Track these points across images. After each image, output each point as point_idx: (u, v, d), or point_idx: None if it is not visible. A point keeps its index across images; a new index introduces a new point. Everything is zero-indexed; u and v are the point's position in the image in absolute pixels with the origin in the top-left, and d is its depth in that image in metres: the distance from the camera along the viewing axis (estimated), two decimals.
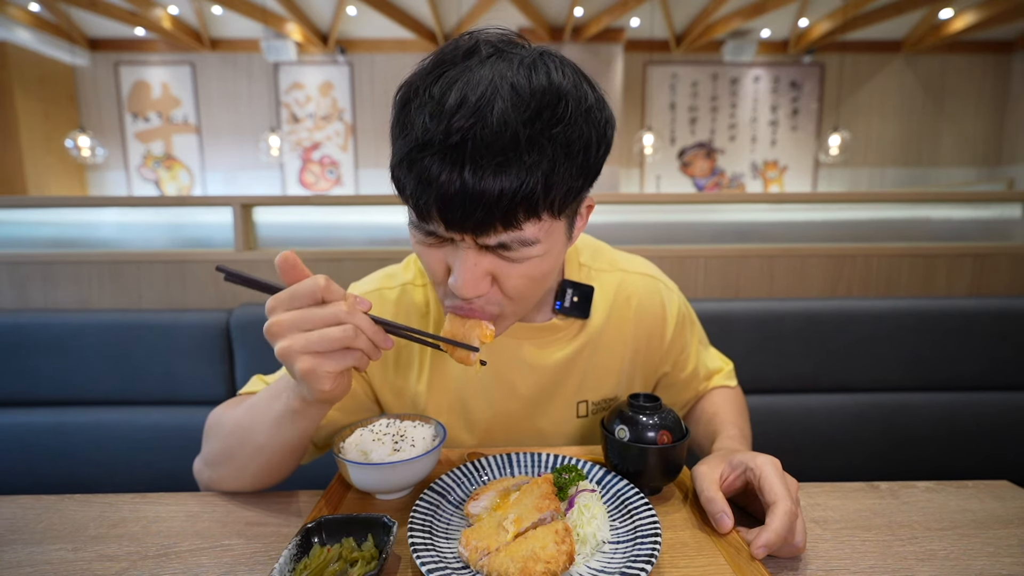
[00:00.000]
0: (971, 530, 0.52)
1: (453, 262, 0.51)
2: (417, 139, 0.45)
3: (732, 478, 0.52)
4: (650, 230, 1.49)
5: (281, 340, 0.45)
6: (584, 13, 5.48)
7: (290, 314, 0.45)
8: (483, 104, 0.43)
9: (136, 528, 0.53)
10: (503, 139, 0.43)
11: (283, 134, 6.09)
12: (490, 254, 0.50)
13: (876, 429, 1.20)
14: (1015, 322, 1.21)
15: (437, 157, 0.44)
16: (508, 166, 0.43)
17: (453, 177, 0.44)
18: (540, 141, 0.44)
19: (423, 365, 0.70)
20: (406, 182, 0.47)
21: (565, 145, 0.45)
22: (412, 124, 0.46)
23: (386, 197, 1.45)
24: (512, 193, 0.44)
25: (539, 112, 0.44)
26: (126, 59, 6.12)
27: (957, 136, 6.46)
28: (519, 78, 0.45)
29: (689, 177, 6.64)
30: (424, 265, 0.55)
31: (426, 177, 0.45)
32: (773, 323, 1.20)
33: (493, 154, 0.43)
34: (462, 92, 0.44)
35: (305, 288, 0.45)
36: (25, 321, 1.18)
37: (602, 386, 0.73)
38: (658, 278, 0.77)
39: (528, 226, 0.47)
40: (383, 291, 0.72)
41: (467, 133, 0.43)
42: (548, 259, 0.53)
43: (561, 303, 0.68)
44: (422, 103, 0.46)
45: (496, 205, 0.44)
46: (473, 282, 0.50)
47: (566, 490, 0.52)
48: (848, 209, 1.50)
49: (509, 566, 0.40)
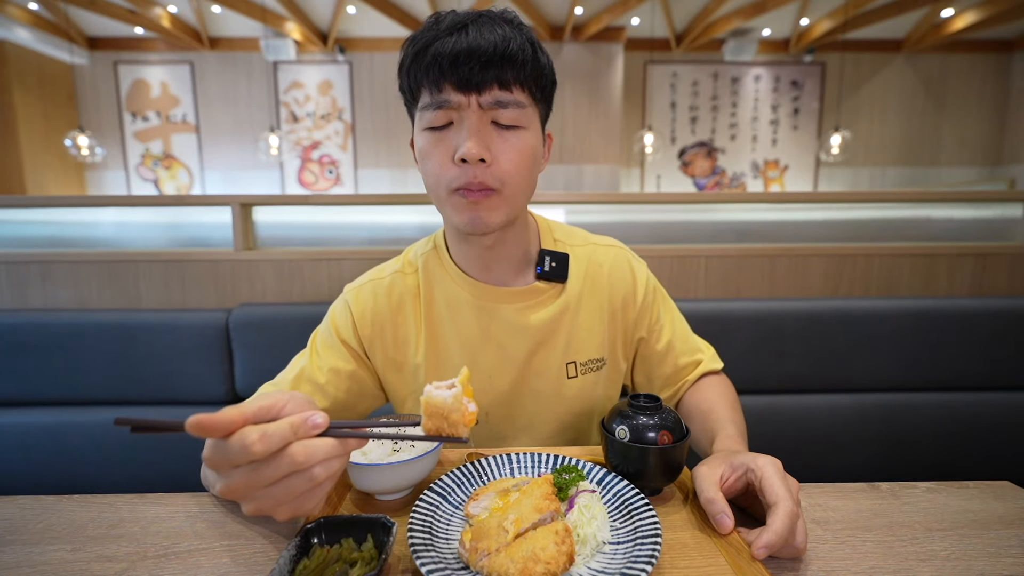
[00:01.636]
0: (972, 530, 0.52)
1: (459, 141, 0.61)
2: (427, 39, 0.60)
3: (733, 479, 0.52)
4: (650, 230, 1.49)
5: (248, 503, 0.41)
6: (584, 12, 5.48)
7: (241, 474, 0.40)
8: (474, 17, 0.61)
9: (135, 528, 0.53)
10: (494, 21, 0.61)
11: (282, 133, 6.09)
12: (488, 125, 0.62)
13: (876, 429, 1.20)
14: (1015, 322, 1.20)
15: (444, 38, 0.59)
16: (501, 29, 0.60)
17: (460, 38, 0.59)
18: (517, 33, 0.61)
19: (419, 338, 0.75)
20: (418, 70, 0.61)
21: (532, 43, 0.62)
22: (418, 40, 0.61)
23: (386, 197, 1.45)
24: (506, 42, 0.59)
25: (512, 22, 0.63)
26: (125, 58, 6.11)
27: (958, 136, 6.46)
28: (494, 12, 0.63)
29: (689, 177, 6.64)
30: (432, 162, 0.64)
31: (438, 52, 0.59)
32: (773, 323, 1.20)
33: (488, 25, 0.60)
34: (458, 15, 0.62)
35: (236, 451, 0.39)
36: (24, 321, 1.18)
37: (586, 347, 0.77)
38: (626, 249, 0.84)
39: (516, 90, 0.61)
40: (375, 281, 0.77)
41: (466, 24, 0.60)
42: (531, 142, 0.65)
43: (541, 268, 0.75)
44: (428, 26, 0.62)
45: (495, 53, 0.58)
46: (479, 141, 0.60)
47: (566, 490, 0.52)
48: (849, 209, 1.50)
49: (509, 567, 0.40)
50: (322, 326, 0.78)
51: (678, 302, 0.88)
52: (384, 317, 0.75)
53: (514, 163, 0.63)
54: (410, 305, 0.76)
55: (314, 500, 0.43)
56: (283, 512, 0.42)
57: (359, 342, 0.75)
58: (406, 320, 0.75)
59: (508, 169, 0.63)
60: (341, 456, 0.43)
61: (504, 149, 0.62)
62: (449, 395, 0.46)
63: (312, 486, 0.42)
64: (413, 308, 0.76)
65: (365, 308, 0.75)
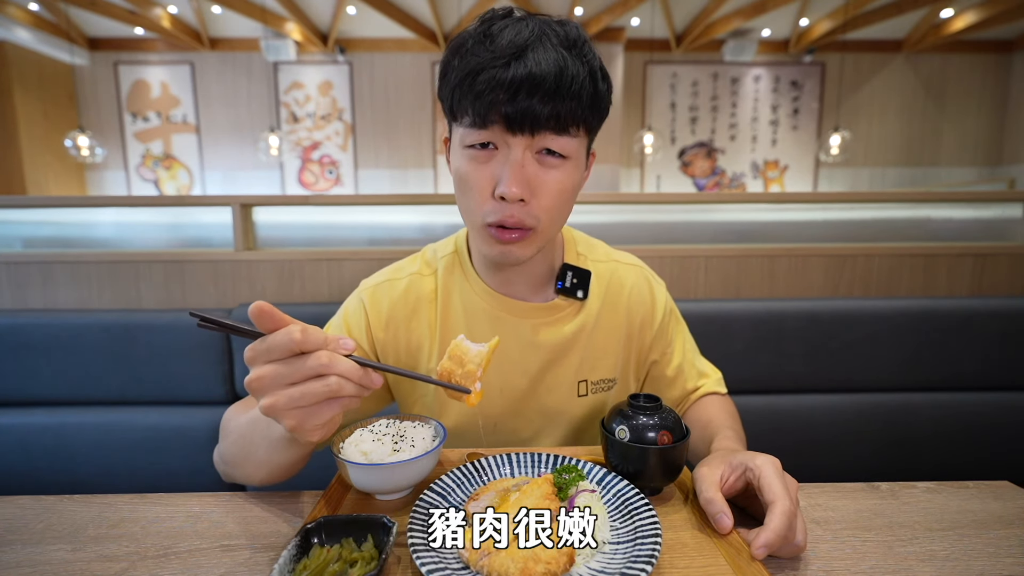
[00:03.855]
0: (972, 530, 0.52)
1: (501, 172, 0.59)
2: (480, 61, 0.55)
3: (732, 479, 0.52)
4: (650, 230, 1.49)
5: (265, 397, 0.45)
6: (584, 12, 5.48)
7: (270, 368, 0.44)
8: (533, 40, 0.56)
9: (136, 528, 0.53)
10: (553, 59, 0.55)
11: (282, 134, 6.09)
12: (533, 162, 0.59)
13: (876, 429, 1.20)
14: (1015, 322, 1.20)
15: (500, 68, 0.54)
16: (562, 73, 0.55)
17: (519, 69, 0.54)
18: (579, 64, 0.57)
19: (433, 344, 0.74)
20: (466, 96, 0.57)
21: (592, 73, 0.58)
22: (472, 53, 0.56)
23: (386, 197, 1.45)
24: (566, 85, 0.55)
25: (574, 45, 0.58)
26: (125, 59, 6.11)
27: (958, 136, 6.46)
28: (555, 26, 0.58)
29: (689, 177, 6.64)
30: (469, 191, 0.62)
31: (492, 81, 0.54)
32: (773, 323, 1.20)
33: (549, 63, 0.55)
34: (515, 31, 0.56)
35: (280, 340, 0.44)
36: (24, 321, 1.18)
37: (600, 366, 0.76)
38: (646, 269, 0.83)
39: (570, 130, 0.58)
40: (392, 281, 0.77)
41: (524, 53, 0.55)
42: (574, 177, 0.62)
43: (562, 283, 0.74)
44: (478, 40, 0.57)
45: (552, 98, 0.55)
46: (522, 181, 0.58)
47: (566, 490, 0.52)
48: (849, 209, 1.50)
49: (509, 566, 0.40)
50: (335, 320, 0.77)
51: (678, 302, 0.88)
52: (399, 321, 0.74)
53: (554, 200, 0.61)
54: (425, 310, 0.75)
55: (322, 416, 0.46)
56: (293, 416, 0.45)
57: (371, 344, 0.75)
58: (420, 325, 0.75)
59: (547, 206, 0.61)
60: (358, 377, 0.46)
61: (546, 184, 0.60)
62: (476, 348, 0.53)
63: (327, 395, 0.44)
64: (428, 313, 0.75)
65: (380, 310, 0.74)
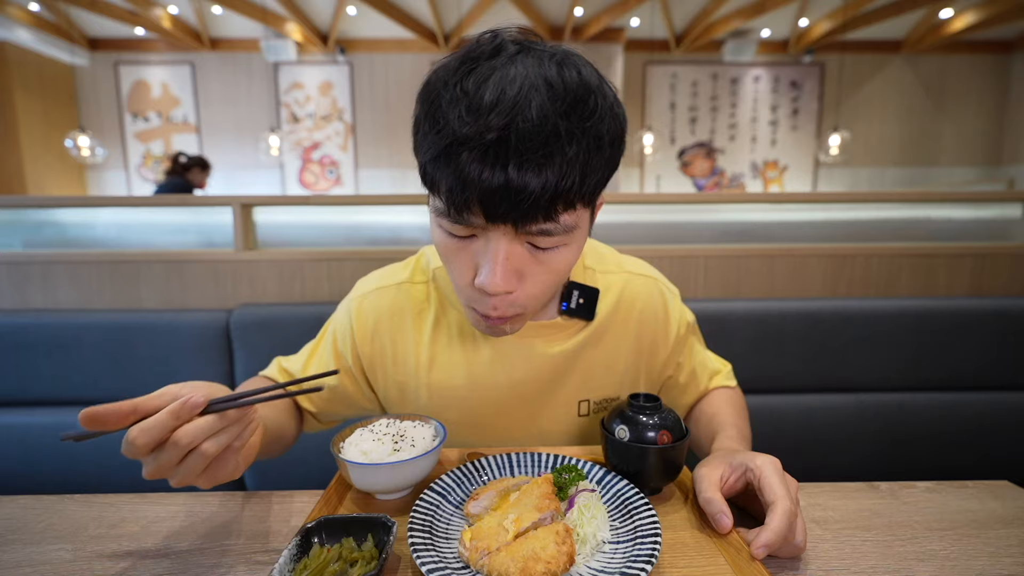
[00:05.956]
0: (971, 530, 0.52)
1: (482, 260, 0.51)
2: (454, 134, 0.45)
3: (733, 479, 0.52)
4: (650, 230, 1.49)
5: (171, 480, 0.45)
6: (584, 13, 5.48)
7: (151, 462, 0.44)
8: (521, 100, 0.44)
9: (136, 528, 0.53)
10: (544, 133, 0.44)
11: (283, 134, 6.09)
12: (521, 247, 0.51)
13: (876, 429, 1.20)
14: (1015, 322, 1.20)
15: (477, 153, 0.44)
16: (551, 159, 0.44)
17: (496, 173, 0.44)
18: (576, 134, 0.45)
19: (419, 357, 0.71)
20: (440, 178, 0.47)
21: (596, 138, 0.47)
22: (445, 119, 0.45)
23: (386, 197, 1.45)
24: (555, 186, 0.45)
25: (574, 106, 0.45)
26: (126, 59, 6.11)
27: (957, 136, 6.46)
28: (551, 74, 0.46)
29: (689, 177, 6.64)
30: (449, 268, 0.55)
31: (465, 174, 0.45)
32: (773, 323, 1.20)
33: (535, 148, 0.44)
34: (498, 87, 0.44)
35: (138, 447, 0.43)
36: (25, 321, 1.18)
37: (603, 385, 0.73)
38: (660, 281, 0.77)
39: (564, 216, 0.48)
40: (381, 291, 0.73)
41: (507, 129, 0.43)
42: (573, 250, 0.54)
43: (567, 304, 0.68)
44: (454, 98, 0.45)
45: (540, 198, 0.45)
46: (505, 277, 0.50)
47: (566, 490, 0.52)
48: (848, 209, 1.50)
49: (509, 566, 0.40)
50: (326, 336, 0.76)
51: None
52: (384, 334, 0.71)
53: (546, 285, 0.54)
54: (414, 321, 0.71)
55: (227, 468, 0.46)
56: (202, 482, 0.46)
57: (356, 358, 0.73)
58: (407, 337, 0.71)
59: (537, 293, 0.54)
60: (228, 428, 0.46)
61: (537, 273, 0.53)
62: None
63: (209, 459, 0.44)
64: (417, 324, 0.71)
65: (366, 323, 0.71)
